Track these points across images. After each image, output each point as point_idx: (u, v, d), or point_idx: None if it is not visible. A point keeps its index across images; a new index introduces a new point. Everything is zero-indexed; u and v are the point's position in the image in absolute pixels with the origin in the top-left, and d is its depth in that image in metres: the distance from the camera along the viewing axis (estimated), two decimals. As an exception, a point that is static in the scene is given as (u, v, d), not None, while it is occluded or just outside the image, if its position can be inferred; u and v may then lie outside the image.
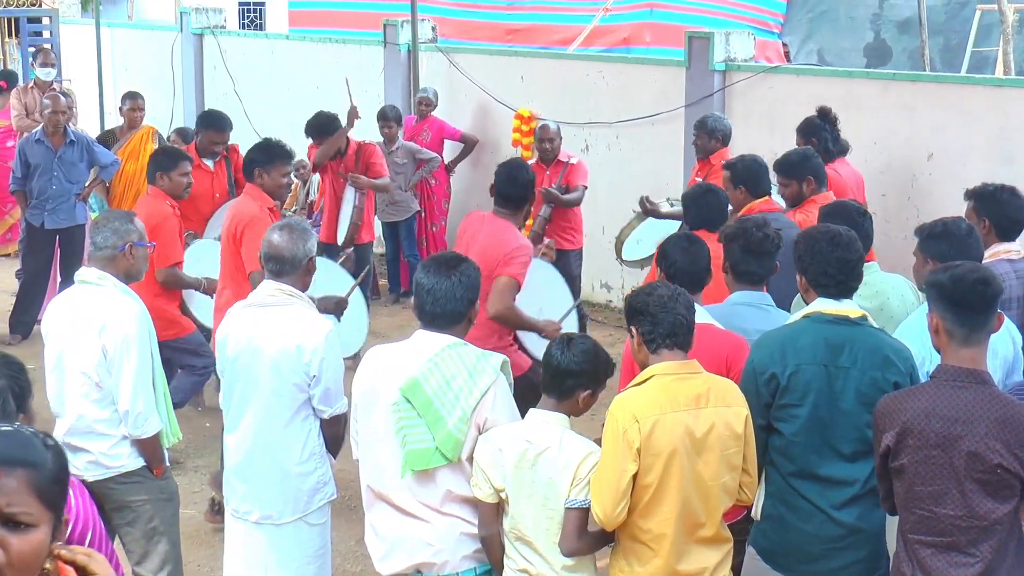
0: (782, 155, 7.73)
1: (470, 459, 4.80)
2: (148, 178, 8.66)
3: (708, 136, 9.46)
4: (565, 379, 4.78)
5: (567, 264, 9.92)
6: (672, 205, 9.07)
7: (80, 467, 5.64)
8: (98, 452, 5.75)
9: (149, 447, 5.82)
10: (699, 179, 8.94)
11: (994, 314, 4.47)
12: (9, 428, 2.85)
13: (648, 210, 9.15)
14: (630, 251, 9.27)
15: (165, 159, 8.65)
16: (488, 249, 6.86)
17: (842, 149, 8.78)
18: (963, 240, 5.55)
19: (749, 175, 7.34)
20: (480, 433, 4.79)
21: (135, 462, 5.83)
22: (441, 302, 4.87)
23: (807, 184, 7.46)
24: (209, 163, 9.97)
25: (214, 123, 10.23)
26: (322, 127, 11.12)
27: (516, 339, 7.25)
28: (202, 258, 8.63)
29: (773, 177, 7.58)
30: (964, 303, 4.39)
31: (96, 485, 5.65)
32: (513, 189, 7.26)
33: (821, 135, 8.67)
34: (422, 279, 4.93)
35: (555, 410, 4.79)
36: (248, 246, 7.09)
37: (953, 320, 4.39)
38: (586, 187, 10.60)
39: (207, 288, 8.34)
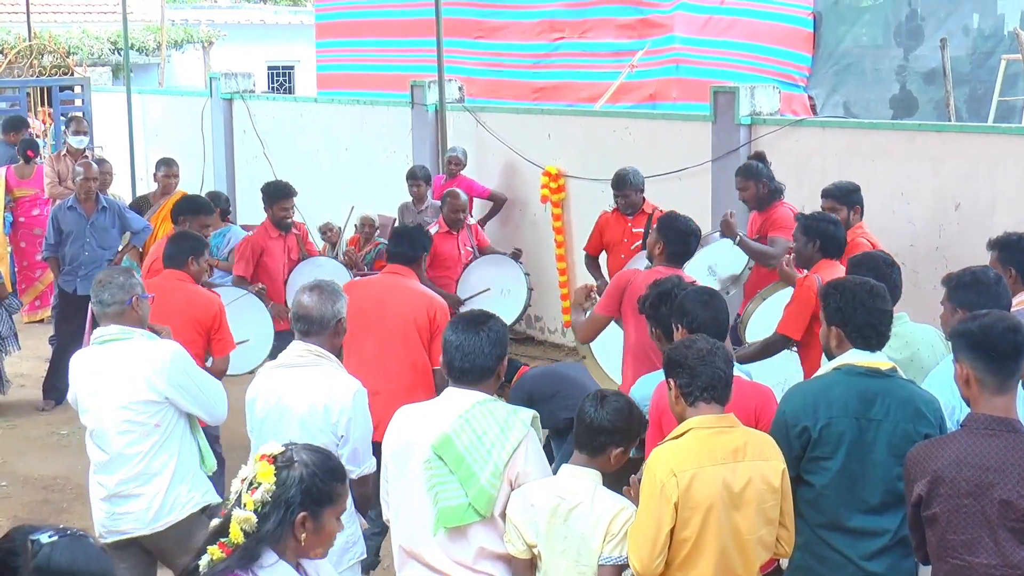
0: (834, 183, 8.34)
1: (503, 515, 4.80)
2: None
3: (635, 191, 10.17)
4: (598, 436, 4.78)
5: None
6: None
7: (134, 517, 5.98)
8: (153, 494, 5.99)
9: None
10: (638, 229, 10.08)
11: None
12: (82, 533, 2.63)
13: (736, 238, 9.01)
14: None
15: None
16: None
17: (779, 190, 9.31)
18: (992, 288, 5.53)
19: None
20: (512, 488, 4.79)
21: (190, 507, 6.08)
22: (470, 357, 4.89)
23: (854, 212, 8.13)
24: None
25: (200, 207, 9.38)
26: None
27: None
28: None
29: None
30: (995, 352, 4.36)
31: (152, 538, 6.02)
32: (683, 243, 7.08)
33: (767, 175, 9.23)
34: (451, 336, 4.95)
35: (587, 465, 4.79)
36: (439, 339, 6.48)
37: (985, 369, 4.36)
38: None
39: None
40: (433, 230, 11.12)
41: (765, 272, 8.83)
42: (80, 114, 16.51)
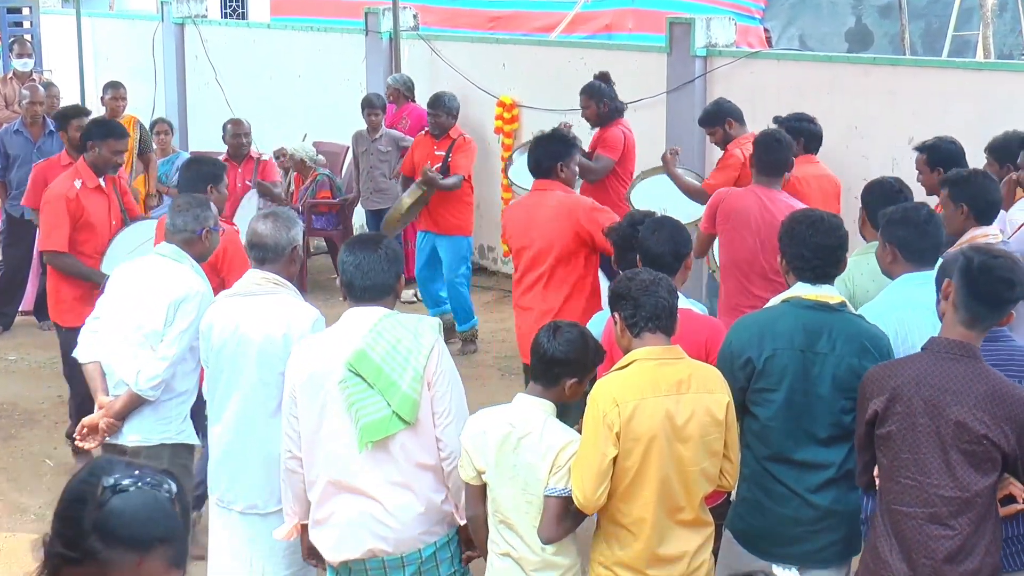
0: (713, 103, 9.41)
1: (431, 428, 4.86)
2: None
3: (447, 115, 10.83)
4: (551, 367, 4.79)
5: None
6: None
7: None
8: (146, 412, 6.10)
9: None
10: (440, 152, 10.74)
11: (1005, 314, 4.47)
12: (151, 480, 2.36)
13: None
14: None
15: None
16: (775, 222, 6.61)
17: (619, 109, 9.95)
18: (922, 226, 5.41)
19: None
20: (431, 391, 4.84)
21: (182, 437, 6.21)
22: (371, 275, 4.95)
23: (729, 126, 9.04)
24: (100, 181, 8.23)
25: (112, 131, 8.29)
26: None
27: None
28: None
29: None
30: (980, 294, 4.39)
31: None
32: (772, 151, 7.34)
33: (608, 95, 9.86)
34: (348, 258, 5.00)
35: (542, 396, 4.81)
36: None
37: (963, 302, 4.39)
38: None
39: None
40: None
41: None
42: (28, 37, 16.27)
